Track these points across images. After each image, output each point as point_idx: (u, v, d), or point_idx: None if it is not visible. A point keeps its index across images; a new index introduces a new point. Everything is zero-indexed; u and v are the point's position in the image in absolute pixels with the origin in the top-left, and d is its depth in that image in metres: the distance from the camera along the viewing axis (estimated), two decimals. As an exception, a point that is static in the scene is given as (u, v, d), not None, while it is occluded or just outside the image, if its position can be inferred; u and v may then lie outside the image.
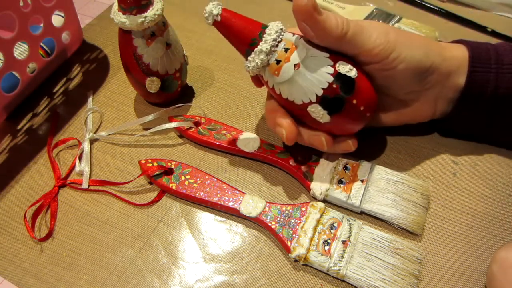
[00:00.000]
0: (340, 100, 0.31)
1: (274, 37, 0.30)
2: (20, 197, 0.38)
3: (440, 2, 0.54)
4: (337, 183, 0.35)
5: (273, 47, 0.31)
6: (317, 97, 0.31)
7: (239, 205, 0.35)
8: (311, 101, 0.31)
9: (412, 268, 0.31)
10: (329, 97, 0.31)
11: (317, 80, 0.30)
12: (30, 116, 0.45)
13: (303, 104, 0.31)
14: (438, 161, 0.38)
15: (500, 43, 0.35)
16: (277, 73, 0.31)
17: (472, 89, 0.34)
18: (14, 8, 0.39)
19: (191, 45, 0.50)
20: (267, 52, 0.30)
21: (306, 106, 0.31)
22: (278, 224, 0.34)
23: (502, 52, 0.34)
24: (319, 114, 0.31)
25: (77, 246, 0.35)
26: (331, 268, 0.31)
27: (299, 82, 0.31)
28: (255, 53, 0.31)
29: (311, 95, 0.31)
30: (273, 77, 0.31)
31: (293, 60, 0.31)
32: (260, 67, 0.31)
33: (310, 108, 0.31)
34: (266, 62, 0.31)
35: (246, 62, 0.32)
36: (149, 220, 0.36)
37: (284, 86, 0.31)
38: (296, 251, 0.32)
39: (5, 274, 0.34)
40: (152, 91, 0.41)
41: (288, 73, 0.31)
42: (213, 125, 0.41)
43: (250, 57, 0.31)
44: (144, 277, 0.33)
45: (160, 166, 0.37)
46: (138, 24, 0.36)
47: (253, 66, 0.31)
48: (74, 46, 0.50)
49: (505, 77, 0.33)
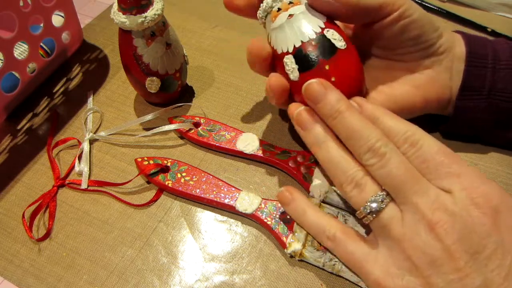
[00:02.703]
0: (311, 58, 0.30)
1: None
2: (20, 197, 0.38)
3: (440, 2, 0.54)
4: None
5: None
6: (294, 48, 0.31)
7: (235, 201, 0.35)
8: (288, 51, 0.31)
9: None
10: (303, 51, 0.31)
11: (300, 32, 0.31)
12: (30, 116, 0.45)
13: (281, 54, 0.32)
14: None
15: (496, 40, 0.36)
16: (273, 19, 0.32)
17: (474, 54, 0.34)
18: (14, 8, 0.39)
19: (191, 45, 0.50)
20: None
21: (283, 55, 0.31)
22: (274, 220, 0.34)
23: None
24: (291, 67, 0.31)
25: (77, 246, 0.35)
26: (327, 263, 0.31)
27: (286, 30, 0.31)
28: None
29: (290, 44, 0.31)
30: (270, 23, 0.33)
31: (290, 11, 0.32)
32: (267, 10, 0.33)
33: (285, 59, 0.31)
34: (270, 7, 0.32)
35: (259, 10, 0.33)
36: (149, 220, 0.36)
37: (274, 32, 0.32)
38: (292, 246, 0.32)
39: (5, 274, 0.34)
40: (152, 91, 0.41)
41: (281, 20, 0.32)
42: (213, 125, 0.41)
43: (263, 3, 0.33)
44: (144, 277, 0.33)
45: (156, 164, 0.37)
46: (138, 24, 0.36)
47: (261, 10, 0.33)
48: (74, 46, 0.50)
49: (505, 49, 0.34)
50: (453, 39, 0.35)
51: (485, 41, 0.35)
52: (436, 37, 0.34)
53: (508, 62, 0.34)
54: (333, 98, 0.28)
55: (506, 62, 0.34)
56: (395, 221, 0.26)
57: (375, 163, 0.27)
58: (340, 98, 0.28)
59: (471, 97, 0.35)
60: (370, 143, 0.27)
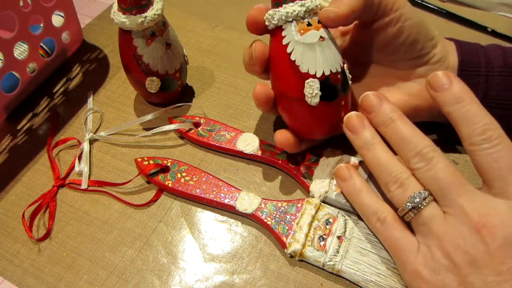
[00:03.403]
0: (337, 90, 0.32)
1: (318, 3, 0.32)
2: (20, 197, 0.38)
3: (440, 2, 0.54)
4: (337, 185, 0.35)
5: (313, 10, 0.31)
6: (323, 74, 0.31)
7: (235, 201, 0.35)
8: (315, 75, 0.31)
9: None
10: (331, 81, 0.31)
11: (333, 60, 0.31)
12: (30, 116, 0.45)
13: (306, 74, 0.31)
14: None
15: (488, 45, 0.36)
16: (302, 32, 0.31)
17: (467, 62, 0.35)
18: (14, 8, 0.39)
19: (191, 45, 0.50)
20: (307, 10, 0.31)
21: (308, 77, 0.31)
22: (274, 220, 0.34)
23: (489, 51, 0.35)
24: (313, 91, 0.31)
25: (77, 246, 0.35)
26: (327, 263, 0.31)
27: (317, 52, 0.31)
28: (296, 3, 0.31)
29: (319, 69, 0.31)
30: (296, 34, 0.31)
31: (321, 32, 0.31)
32: (293, 17, 0.31)
33: (310, 81, 0.31)
34: (297, 15, 0.31)
35: (276, 11, 0.31)
36: (149, 220, 0.36)
37: (300, 47, 0.31)
38: (292, 246, 0.32)
39: (5, 274, 0.34)
40: (152, 91, 0.41)
41: (312, 38, 0.31)
42: (213, 125, 0.41)
43: (289, 3, 0.31)
44: (144, 277, 0.33)
45: (156, 164, 0.37)
46: (138, 24, 0.36)
47: (286, 12, 0.31)
48: (74, 46, 0.50)
49: None
50: (447, 49, 0.35)
51: (478, 48, 0.35)
52: (431, 46, 0.34)
53: (501, 69, 0.34)
54: (387, 108, 0.31)
55: (499, 69, 0.34)
56: (436, 220, 0.27)
57: (422, 166, 0.28)
58: (394, 108, 0.31)
59: None
60: (418, 148, 0.28)
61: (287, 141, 0.34)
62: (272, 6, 0.32)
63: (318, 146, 0.38)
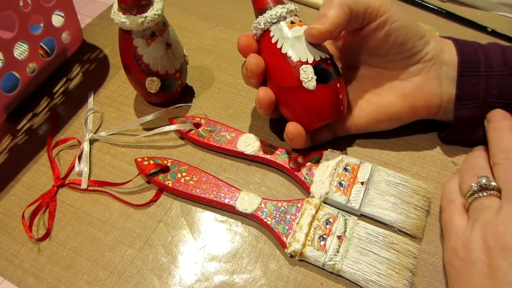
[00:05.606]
0: (330, 73, 0.34)
1: (294, 8, 0.35)
2: (20, 197, 0.38)
3: (440, 2, 0.54)
4: (337, 186, 0.35)
5: (293, 12, 0.35)
6: (314, 60, 0.33)
7: (235, 201, 0.35)
8: (307, 61, 0.33)
9: (407, 262, 0.31)
10: (323, 66, 0.34)
11: (319, 49, 0.34)
12: (30, 116, 0.45)
13: (299, 62, 0.33)
14: (438, 162, 0.38)
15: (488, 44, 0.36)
16: (289, 28, 0.34)
17: (466, 62, 0.35)
18: (14, 8, 0.39)
19: (191, 45, 0.50)
20: (288, 11, 0.34)
21: (301, 64, 0.33)
22: (274, 220, 0.34)
23: None
24: (309, 76, 0.33)
25: (77, 246, 0.35)
26: (327, 263, 0.31)
27: (304, 43, 0.34)
28: (278, 7, 0.34)
29: (310, 56, 0.33)
30: (284, 31, 0.34)
31: (304, 28, 0.34)
32: (279, 18, 0.34)
33: (304, 67, 0.33)
34: (281, 16, 0.34)
35: (261, 17, 0.35)
36: (149, 220, 0.36)
37: (289, 41, 0.34)
38: (292, 246, 0.32)
39: (5, 274, 0.34)
40: (152, 91, 0.41)
41: (298, 32, 0.34)
42: (213, 126, 0.41)
43: (273, 9, 0.34)
44: (144, 277, 0.33)
45: (156, 164, 0.37)
46: (138, 24, 0.36)
47: (272, 16, 0.34)
48: (74, 46, 0.50)
49: None
50: (441, 46, 0.35)
51: (477, 47, 0.35)
52: (422, 44, 0.35)
53: (501, 69, 0.34)
54: (499, 116, 0.34)
55: (499, 68, 0.34)
56: (491, 209, 0.29)
57: (504, 162, 0.32)
58: (506, 117, 0.34)
59: (467, 106, 0.35)
60: (506, 148, 0.32)
61: (297, 132, 0.35)
62: (256, 16, 0.35)
63: (318, 147, 0.38)
